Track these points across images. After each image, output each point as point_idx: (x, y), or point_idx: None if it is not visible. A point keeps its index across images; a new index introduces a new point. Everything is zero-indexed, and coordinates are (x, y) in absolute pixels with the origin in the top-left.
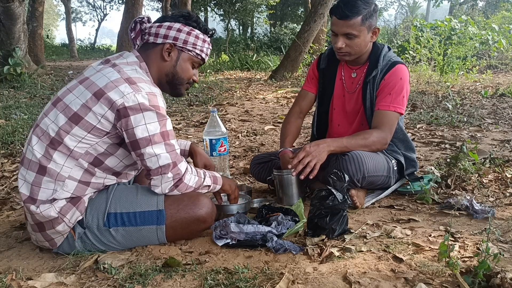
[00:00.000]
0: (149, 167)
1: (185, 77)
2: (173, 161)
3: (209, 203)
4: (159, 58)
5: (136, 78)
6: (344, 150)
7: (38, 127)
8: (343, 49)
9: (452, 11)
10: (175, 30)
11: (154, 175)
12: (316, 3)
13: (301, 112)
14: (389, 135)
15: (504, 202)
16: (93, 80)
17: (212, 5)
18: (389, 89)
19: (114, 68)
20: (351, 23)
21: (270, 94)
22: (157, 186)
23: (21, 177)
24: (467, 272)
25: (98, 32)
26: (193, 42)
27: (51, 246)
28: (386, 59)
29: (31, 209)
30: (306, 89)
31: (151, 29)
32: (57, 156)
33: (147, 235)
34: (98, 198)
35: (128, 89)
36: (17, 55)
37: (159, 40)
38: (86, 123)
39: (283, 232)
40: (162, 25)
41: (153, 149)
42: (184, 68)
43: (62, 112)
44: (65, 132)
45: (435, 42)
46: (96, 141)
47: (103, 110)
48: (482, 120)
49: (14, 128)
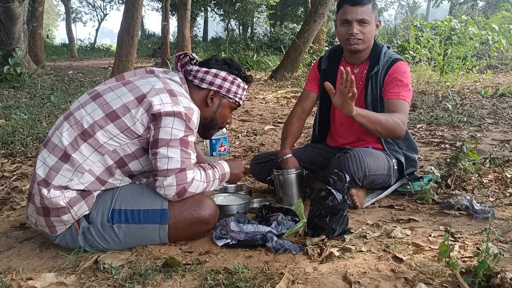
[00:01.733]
0: (158, 167)
1: (221, 123)
2: (182, 167)
3: (212, 205)
4: (201, 102)
5: (178, 92)
6: (364, 121)
7: (72, 116)
8: (358, 35)
9: (452, 11)
10: (220, 79)
11: (159, 176)
12: (316, 3)
13: (303, 112)
14: (406, 120)
15: (504, 202)
16: (137, 84)
17: (212, 5)
18: (396, 81)
19: (159, 79)
20: (364, 9)
21: (270, 94)
22: (160, 188)
23: (41, 158)
24: (467, 272)
25: (98, 32)
26: (235, 91)
27: (50, 233)
28: (387, 56)
29: (43, 192)
30: (308, 89)
31: (198, 74)
32: (84, 148)
33: (149, 233)
34: (105, 194)
35: (168, 99)
36: (17, 55)
37: (204, 85)
38: (122, 123)
39: (283, 232)
40: (209, 71)
41: (168, 151)
42: (223, 114)
43: (100, 107)
44: (99, 127)
45: (435, 42)
46: (126, 141)
47: (140, 113)
48: (482, 120)
49: (14, 128)
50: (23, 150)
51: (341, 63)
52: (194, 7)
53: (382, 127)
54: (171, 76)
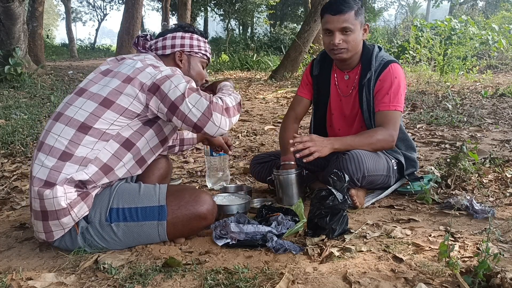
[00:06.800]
0: (193, 120)
1: (199, 79)
2: (208, 101)
3: (210, 200)
4: (173, 66)
5: (159, 63)
6: (349, 148)
7: (63, 115)
8: (341, 45)
9: (452, 11)
10: (179, 39)
11: (203, 124)
12: (316, 3)
13: (296, 118)
14: (394, 133)
15: (504, 202)
16: (119, 70)
17: (212, 5)
18: (386, 89)
19: (135, 60)
20: (346, 17)
21: (270, 94)
22: (215, 128)
23: (39, 162)
24: (467, 272)
25: (98, 32)
26: (198, 45)
27: (46, 239)
28: (379, 60)
29: (45, 193)
30: (300, 95)
31: (157, 44)
32: (86, 141)
33: (148, 231)
34: (102, 194)
35: (153, 71)
36: (17, 55)
37: (168, 51)
38: (118, 106)
39: (283, 232)
40: (165, 37)
41: (188, 102)
42: (197, 70)
43: (90, 99)
44: (96, 117)
45: (435, 42)
46: (128, 122)
47: (134, 92)
48: (482, 120)
49: (14, 128)
50: (23, 150)
51: (332, 69)
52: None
53: (367, 149)
54: (144, 56)
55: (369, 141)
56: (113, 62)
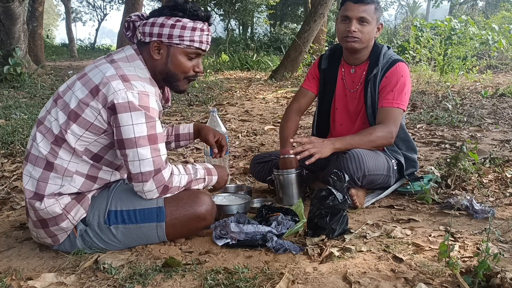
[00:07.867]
0: (130, 170)
1: (179, 72)
2: (156, 168)
3: (209, 201)
4: (150, 57)
5: (132, 75)
6: (349, 148)
7: (43, 125)
8: (356, 33)
9: (452, 11)
10: (158, 26)
11: (135, 181)
12: (316, 3)
13: (299, 110)
14: (394, 129)
15: (504, 202)
16: (90, 76)
17: (212, 5)
18: (391, 86)
19: (112, 64)
20: (366, 8)
21: (270, 94)
22: (141, 193)
23: (27, 173)
24: (467, 272)
25: (98, 32)
26: (179, 34)
27: (53, 243)
28: (387, 57)
29: (36, 205)
30: (306, 87)
31: (140, 28)
32: (62, 153)
33: (147, 232)
34: (100, 196)
35: (120, 86)
36: (17, 55)
37: (147, 39)
38: (84, 121)
39: (283, 232)
40: (147, 22)
41: (137, 153)
42: (176, 63)
43: (62, 110)
44: (65, 130)
45: (435, 42)
46: (95, 138)
47: (98, 106)
48: (482, 120)
49: (14, 128)
50: (23, 150)
51: (340, 64)
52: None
53: (367, 147)
54: (125, 53)
55: (369, 139)
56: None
